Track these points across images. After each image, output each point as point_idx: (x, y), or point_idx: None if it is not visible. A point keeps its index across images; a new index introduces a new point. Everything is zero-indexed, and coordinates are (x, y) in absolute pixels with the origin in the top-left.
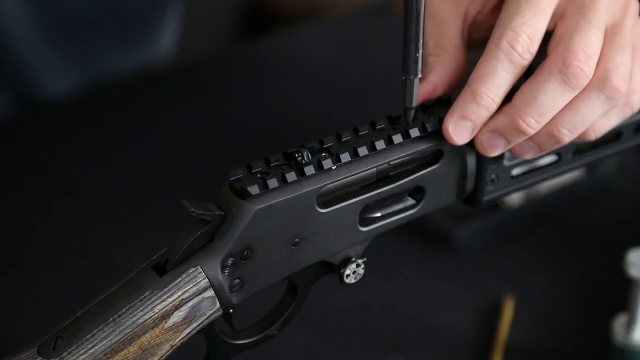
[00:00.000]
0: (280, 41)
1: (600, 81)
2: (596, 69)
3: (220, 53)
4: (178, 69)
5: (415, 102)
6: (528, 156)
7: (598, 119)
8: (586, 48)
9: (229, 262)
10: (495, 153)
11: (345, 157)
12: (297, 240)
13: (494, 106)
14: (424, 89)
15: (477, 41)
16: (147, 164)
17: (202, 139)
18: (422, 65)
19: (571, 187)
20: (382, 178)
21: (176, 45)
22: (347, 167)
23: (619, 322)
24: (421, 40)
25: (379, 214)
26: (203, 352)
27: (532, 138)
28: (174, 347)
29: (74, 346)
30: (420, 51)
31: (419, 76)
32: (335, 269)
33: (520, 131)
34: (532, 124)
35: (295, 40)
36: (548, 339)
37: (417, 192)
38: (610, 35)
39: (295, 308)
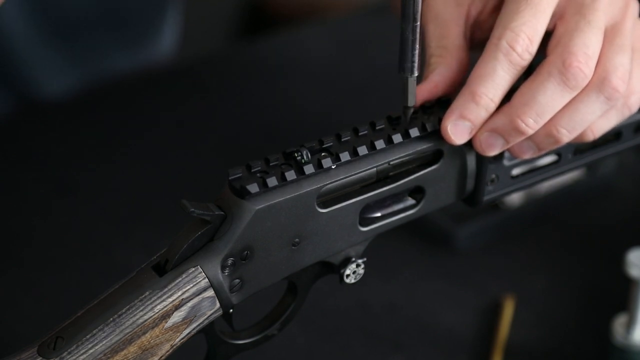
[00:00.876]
0: (280, 41)
1: (599, 82)
2: (595, 69)
3: (220, 53)
4: (178, 69)
5: (413, 101)
6: (527, 156)
7: (596, 120)
8: (586, 49)
9: (229, 262)
10: (493, 152)
11: (345, 156)
12: (297, 240)
13: (492, 106)
14: (425, 88)
15: (480, 41)
16: (147, 164)
17: (202, 139)
18: (419, 64)
19: (571, 187)
20: (382, 178)
21: (176, 45)
22: (346, 166)
23: (619, 322)
24: (418, 39)
25: (379, 214)
26: (203, 352)
27: (531, 138)
28: (174, 347)
29: (74, 346)
30: (417, 50)
31: (416, 74)
32: (335, 269)
33: (518, 131)
34: (531, 124)
35: (295, 40)
36: (548, 339)
37: (417, 192)
38: (610, 36)
39: (295, 308)
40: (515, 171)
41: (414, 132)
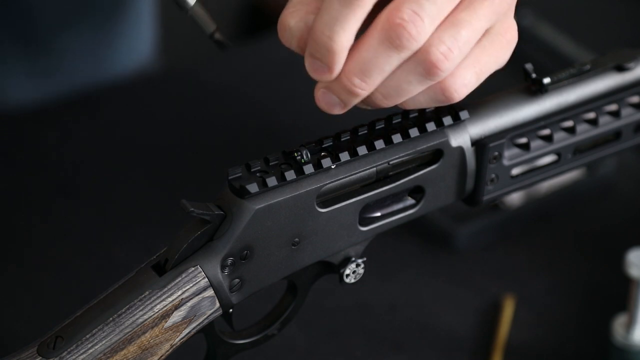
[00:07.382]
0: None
1: (420, 50)
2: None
3: (220, 53)
4: (178, 68)
5: (213, 25)
6: (336, 111)
7: (417, 95)
8: (417, 7)
9: (229, 261)
10: (335, 112)
11: (344, 156)
12: (296, 239)
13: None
14: None
15: None
16: (147, 164)
17: (202, 138)
18: None
19: (571, 187)
20: (381, 178)
21: (174, 45)
22: (346, 166)
23: (619, 322)
24: None
25: (378, 214)
26: (203, 352)
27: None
28: (174, 346)
29: (74, 346)
30: None
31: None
32: (335, 268)
33: (347, 90)
34: (358, 83)
35: None
36: (548, 339)
37: (416, 191)
38: (461, 6)
39: (295, 308)
40: (515, 171)
41: (414, 132)
